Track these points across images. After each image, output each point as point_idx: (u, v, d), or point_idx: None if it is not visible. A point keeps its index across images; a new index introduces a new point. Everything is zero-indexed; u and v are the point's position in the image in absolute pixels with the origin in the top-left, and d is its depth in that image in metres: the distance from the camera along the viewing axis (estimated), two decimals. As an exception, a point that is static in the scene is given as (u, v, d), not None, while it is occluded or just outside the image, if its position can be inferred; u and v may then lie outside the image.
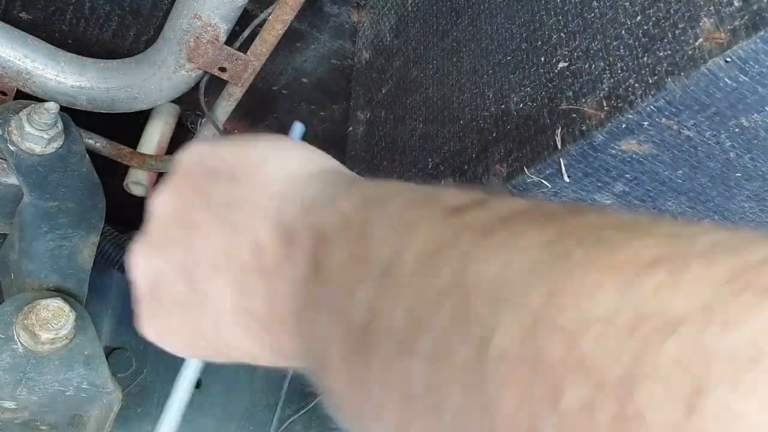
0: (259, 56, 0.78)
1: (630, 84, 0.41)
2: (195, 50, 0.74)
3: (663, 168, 0.44)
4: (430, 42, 0.68)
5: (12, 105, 0.72)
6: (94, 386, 0.61)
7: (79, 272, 0.67)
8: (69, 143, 0.73)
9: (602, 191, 0.47)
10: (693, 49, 0.38)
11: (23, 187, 0.68)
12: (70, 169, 0.71)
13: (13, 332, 0.59)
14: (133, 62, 0.80)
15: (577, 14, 0.48)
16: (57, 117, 0.70)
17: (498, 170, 0.50)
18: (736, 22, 0.36)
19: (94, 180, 0.72)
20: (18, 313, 0.60)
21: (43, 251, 0.66)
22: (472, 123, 0.56)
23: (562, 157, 0.45)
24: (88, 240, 0.69)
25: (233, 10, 0.73)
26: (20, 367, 0.59)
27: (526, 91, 0.51)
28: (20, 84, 0.76)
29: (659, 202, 0.48)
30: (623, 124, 0.41)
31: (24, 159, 0.69)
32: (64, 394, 0.61)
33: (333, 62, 0.89)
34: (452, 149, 0.57)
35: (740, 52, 0.36)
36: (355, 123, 0.76)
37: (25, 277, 0.65)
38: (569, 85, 0.46)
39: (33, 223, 0.67)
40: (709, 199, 0.47)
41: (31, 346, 0.59)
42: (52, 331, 0.59)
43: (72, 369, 0.60)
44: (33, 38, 0.76)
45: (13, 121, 0.70)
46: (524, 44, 0.53)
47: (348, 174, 0.36)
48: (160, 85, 0.79)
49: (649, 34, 0.41)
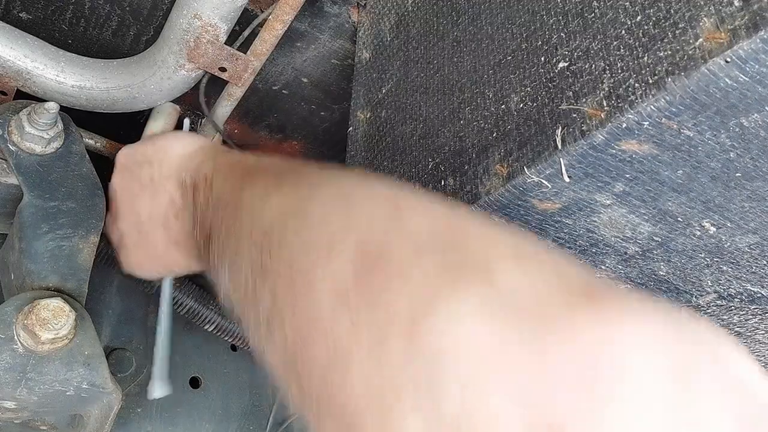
0: (259, 56, 0.78)
1: (630, 84, 0.41)
2: (195, 50, 0.74)
3: (663, 168, 0.44)
4: (431, 42, 0.68)
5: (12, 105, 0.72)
6: (94, 386, 0.61)
7: (79, 272, 0.67)
8: (69, 143, 0.73)
9: (602, 191, 0.47)
10: (693, 49, 0.38)
11: (23, 187, 0.68)
12: (70, 169, 0.71)
13: (13, 332, 0.59)
14: (133, 62, 0.80)
15: (577, 14, 0.48)
16: (57, 117, 0.70)
17: (498, 170, 0.50)
18: (737, 22, 0.36)
19: (94, 180, 0.72)
20: (18, 313, 0.60)
21: (43, 251, 0.66)
22: (473, 123, 0.56)
23: (562, 157, 0.45)
24: (88, 240, 0.69)
25: (233, 10, 0.73)
26: (20, 367, 0.59)
27: (526, 91, 0.51)
28: (20, 84, 0.76)
29: (659, 202, 0.48)
30: (623, 124, 0.41)
31: (24, 159, 0.69)
32: (64, 394, 0.61)
33: (333, 62, 0.89)
34: (452, 149, 0.57)
35: (740, 52, 0.36)
36: (356, 123, 0.76)
37: (25, 277, 0.65)
38: (569, 85, 0.46)
39: (33, 223, 0.67)
40: (709, 199, 0.47)
41: (32, 346, 0.59)
42: (52, 331, 0.59)
43: (72, 369, 0.60)
44: (33, 38, 0.76)
45: (14, 121, 0.70)
46: (524, 44, 0.53)
47: (214, 148, 0.60)
48: (160, 85, 0.79)
49: (650, 34, 0.41)
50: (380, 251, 0.33)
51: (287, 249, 0.39)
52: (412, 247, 0.33)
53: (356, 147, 0.74)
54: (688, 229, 0.50)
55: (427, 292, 0.30)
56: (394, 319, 0.30)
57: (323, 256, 0.36)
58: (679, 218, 0.49)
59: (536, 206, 0.49)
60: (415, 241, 0.34)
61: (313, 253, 0.37)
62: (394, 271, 0.32)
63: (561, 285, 0.30)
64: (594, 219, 0.50)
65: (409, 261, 0.32)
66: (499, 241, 0.34)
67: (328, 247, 0.36)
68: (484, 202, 0.50)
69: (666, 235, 0.51)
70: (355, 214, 0.38)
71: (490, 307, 0.29)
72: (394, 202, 0.38)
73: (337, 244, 0.36)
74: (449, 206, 0.38)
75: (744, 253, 0.53)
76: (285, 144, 1.03)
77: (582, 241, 0.53)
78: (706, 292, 0.59)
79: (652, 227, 0.50)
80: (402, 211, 0.36)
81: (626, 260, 0.55)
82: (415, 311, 0.30)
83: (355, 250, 0.34)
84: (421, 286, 0.31)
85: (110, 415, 0.63)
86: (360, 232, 0.36)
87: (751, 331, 0.72)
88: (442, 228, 0.35)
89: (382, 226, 0.35)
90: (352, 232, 0.36)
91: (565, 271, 0.31)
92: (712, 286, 0.58)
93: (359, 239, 0.35)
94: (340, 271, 0.34)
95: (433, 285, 0.30)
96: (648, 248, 0.53)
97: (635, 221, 0.50)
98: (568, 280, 0.30)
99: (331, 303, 0.33)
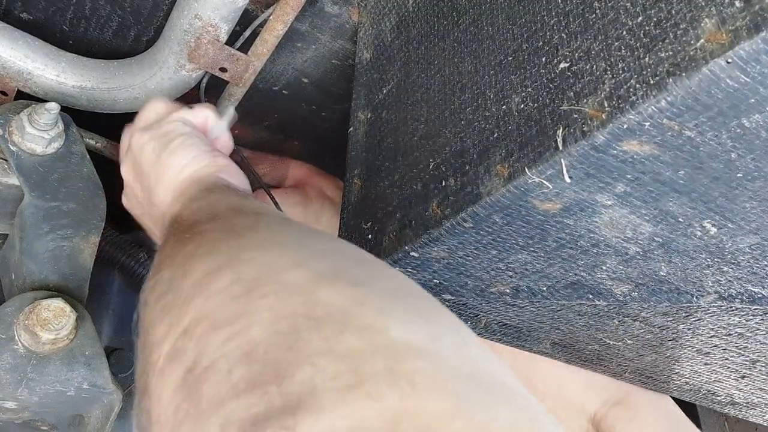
0: (259, 56, 0.78)
1: (631, 84, 0.41)
2: (196, 50, 0.74)
3: (664, 168, 0.44)
4: (431, 42, 0.68)
5: (13, 105, 0.72)
6: (94, 386, 0.61)
7: (80, 272, 0.67)
8: (69, 143, 0.73)
9: (603, 192, 0.47)
10: (694, 49, 0.38)
11: (24, 187, 0.68)
12: (70, 170, 0.71)
13: (14, 332, 0.59)
14: (133, 62, 0.80)
15: (578, 15, 0.48)
16: (58, 117, 0.70)
17: (499, 171, 0.50)
18: (738, 23, 0.36)
19: (94, 180, 0.72)
20: (19, 313, 0.60)
21: (44, 251, 0.66)
22: (473, 123, 0.56)
23: (563, 157, 0.45)
24: (89, 240, 0.69)
25: (234, 11, 0.73)
26: (21, 368, 0.59)
27: (527, 92, 0.51)
28: (21, 84, 0.76)
29: (661, 202, 0.48)
30: (625, 124, 0.41)
31: (25, 159, 0.69)
32: (65, 395, 0.61)
33: (334, 62, 0.89)
34: (453, 150, 0.57)
35: (741, 52, 0.36)
36: (356, 123, 0.76)
37: (26, 278, 0.65)
38: (570, 85, 0.46)
39: (34, 223, 0.67)
40: (710, 200, 0.47)
41: (32, 347, 0.59)
42: (53, 332, 0.59)
43: (73, 369, 0.60)
44: (34, 38, 0.76)
45: (14, 122, 0.70)
46: (525, 45, 0.53)
47: (205, 180, 0.60)
48: (160, 86, 0.79)
49: (651, 35, 0.41)
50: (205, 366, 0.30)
51: (146, 346, 0.38)
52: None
53: (357, 147, 0.74)
54: (689, 229, 0.50)
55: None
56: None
57: (161, 369, 0.34)
58: (680, 219, 0.49)
59: (537, 207, 0.49)
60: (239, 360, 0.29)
61: (155, 359, 0.35)
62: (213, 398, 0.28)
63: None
64: (595, 219, 0.50)
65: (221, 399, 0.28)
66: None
67: (169, 353, 0.34)
68: (485, 202, 0.50)
69: (667, 236, 0.51)
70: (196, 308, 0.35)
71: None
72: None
73: (176, 352, 0.33)
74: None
75: (745, 254, 0.53)
76: (285, 144, 1.03)
77: (583, 242, 0.53)
78: (707, 293, 0.59)
79: (653, 228, 0.50)
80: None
81: (627, 261, 0.55)
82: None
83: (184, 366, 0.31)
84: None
85: (111, 416, 0.63)
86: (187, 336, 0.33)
87: (752, 331, 0.72)
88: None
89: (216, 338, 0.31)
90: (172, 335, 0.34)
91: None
92: (713, 286, 0.58)
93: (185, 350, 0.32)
94: (170, 394, 0.31)
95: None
96: (649, 249, 0.53)
97: (636, 222, 0.50)
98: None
99: (167, 396, 0.31)
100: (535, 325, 0.77)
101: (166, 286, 0.39)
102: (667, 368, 0.83)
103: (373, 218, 0.66)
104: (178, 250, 0.42)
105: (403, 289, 0.35)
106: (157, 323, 0.37)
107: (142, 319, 0.41)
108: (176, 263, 0.40)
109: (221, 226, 0.44)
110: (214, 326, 0.31)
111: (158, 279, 0.41)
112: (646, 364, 0.83)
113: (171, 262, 0.41)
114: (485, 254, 0.57)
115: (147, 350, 0.37)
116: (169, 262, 0.42)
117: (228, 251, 0.37)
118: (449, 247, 0.56)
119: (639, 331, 0.75)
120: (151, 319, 0.38)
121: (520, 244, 0.55)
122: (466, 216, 0.52)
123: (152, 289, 0.41)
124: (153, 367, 0.35)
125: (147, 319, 0.39)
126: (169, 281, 0.39)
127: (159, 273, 0.42)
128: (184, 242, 0.43)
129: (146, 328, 0.39)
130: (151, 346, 0.36)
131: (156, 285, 0.41)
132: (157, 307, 0.38)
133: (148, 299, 0.41)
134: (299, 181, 1.02)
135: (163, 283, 0.40)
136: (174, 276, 0.39)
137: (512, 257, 0.57)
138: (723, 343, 0.75)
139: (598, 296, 0.61)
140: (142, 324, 0.40)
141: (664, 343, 0.77)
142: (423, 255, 0.58)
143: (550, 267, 0.58)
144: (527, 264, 0.58)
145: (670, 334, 0.75)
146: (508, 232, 0.53)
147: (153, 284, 0.42)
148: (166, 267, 0.41)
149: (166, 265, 0.42)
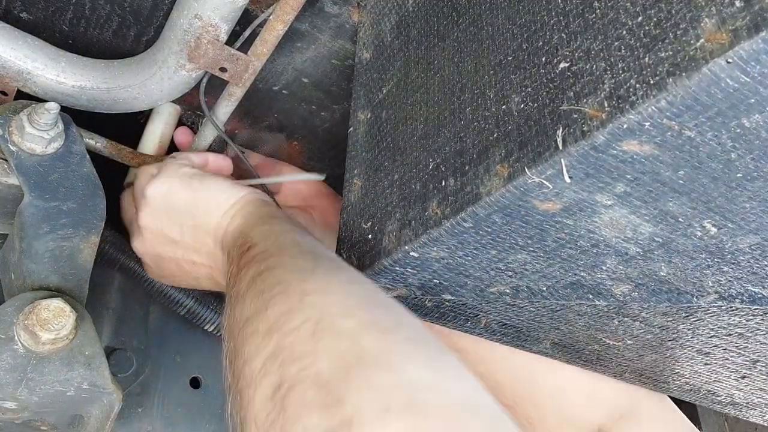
0: (259, 56, 0.78)
1: (631, 84, 0.41)
2: (195, 50, 0.74)
3: (664, 168, 0.44)
4: (431, 42, 0.68)
5: (12, 105, 0.72)
6: (94, 386, 0.61)
7: (80, 272, 0.67)
8: (69, 143, 0.73)
9: (603, 192, 0.47)
10: (694, 49, 0.38)
11: (24, 187, 0.68)
12: (70, 170, 0.71)
13: (13, 332, 0.59)
14: (133, 62, 0.80)
15: (578, 15, 0.48)
16: (57, 117, 0.70)
17: (499, 171, 0.50)
18: (738, 23, 0.36)
19: (94, 180, 0.72)
20: (18, 313, 0.60)
21: (44, 251, 0.66)
22: (473, 123, 0.56)
23: (563, 157, 0.45)
24: (89, 240, 0.69)
25: (234, 11, 0.73)
26: (21, 368, 0.59)
27: (527, 92, 0.51)
28: (21, 84, 0.76)
29: (660, 202, 0.48)
30: (624, 124, 0.41)
31: (24, 159, 0.69)
32: (65, 395, 0.61)
33: (333, 62, 0.89)
34: (453, 149, 0.57)
35: (741, 52, 0.36)
36: (356, 123, 0.76)
37: (26, 278, 0.65)
38: (570, 85, 0.46)
39: (33, 223, 0.67)
40: (710, 200, 0.47)
41: (32, 347, 0.59)
42: (53, 332, 0.59)
43: (72, 369, 0.60)
44: (33, 38, 0.76)
45: (14, 122, 0.70)
46: (525, 45, 0.53)
47: (248, 205, 0.70)
48: (160, 85, 0.79)
49: (651, 35, 0.41)
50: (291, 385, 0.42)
51: (239, 358, 0.49)
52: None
53: (357, 147, 0.74)
54: (689, 229, 0.50)
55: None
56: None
57: (253, 381, 0.45)
58: (680, 219, 0.49)
59: (537, 207, 0.49)
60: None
61: (248, 373, 0.46)
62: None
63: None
64: (595, 219, 0.50)
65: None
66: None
67: (260, 371, 0.45)
68: (485, 202, 0.50)
69: (667, 236, 0.51)
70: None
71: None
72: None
73: (265, 371, 0.44)
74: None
75: (745, 254, 0.53)
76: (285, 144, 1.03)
77: (583, 242, 0.53)
78: (707, 293, 0.59)
79: (653, 228, 0.50)
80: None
81: (627, 261, 0.55)
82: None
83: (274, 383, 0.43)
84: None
85: (111, 416, 0.63)
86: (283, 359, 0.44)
87: (752, 332, 0.72)
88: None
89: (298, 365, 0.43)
90: (277, 361, 0.44)
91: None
92: (713, 286, 0.58)
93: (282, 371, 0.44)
94: (262, 402, 0.42)
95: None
96: (649, 249, 0.53)
97: (636, 222, 0.50)
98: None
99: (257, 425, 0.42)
100: (534, 325, 0.77)
101: (253, 316, 0.51)
102: (667, 368, 0.83)
103: (373, 218, 0.66)
104: (256, 286, 0.54)
105: (419, 337, 0.47)
106: (248, 343, 0.49)
107: (229, 328, 0.54)
108: (257, 302, 0.52)
109: (289, 266, 0.55)
110: (292, 358, 0.44)
111: (243, 309, 0.53)
112: (646, 365, 0.83)
113: (253, 297, 0.53)
114: (485, 254, 0.57)
115: (239, 359, 0.49)
116: (251, 295, 0.53)
117: (296, 296, 0.49)
118: (449, 247, 0.56)
119: (639, 332, 0.75)
120: (242, 338, 0.50)
121: (519, 244, 0.55)
122: (466, 216, 0.52)
123: (237, 317, 0.53)
124: (245, 375, 0.46)
125: (237, 335, 0.51)
126: (255, 314, 0.51)
127: (242, 303, 0.54)
128: (260, 277, 0.55)
129: (236, 337, 0.51)
130: (242, 356, 0.48)
131: (243, 312, 0.53)
132: (247, 331, 0.50)
133: (237, 319, 0.53)
134: (306, 199, 0.99)
135: (248, 311, 0.52)
136: (258, 310, 0.51)
137: (512, 257, 0.57)
138: (723, 344, 0.75)
139: (597, 296, 0.61)
140: (230, 331, 0.53)
141: (664, 344, 0.77)
142: (423, 255, 0.58)
143: (549, 267, 0.58)
144: (527, 264, 0.58)
145: (670, 335, 0.75)
146: (507, 232, 0.53)
147: (239, 313, 0.53)
148: (249, 299, 0.53)
149: (249, 298, 0.53)
